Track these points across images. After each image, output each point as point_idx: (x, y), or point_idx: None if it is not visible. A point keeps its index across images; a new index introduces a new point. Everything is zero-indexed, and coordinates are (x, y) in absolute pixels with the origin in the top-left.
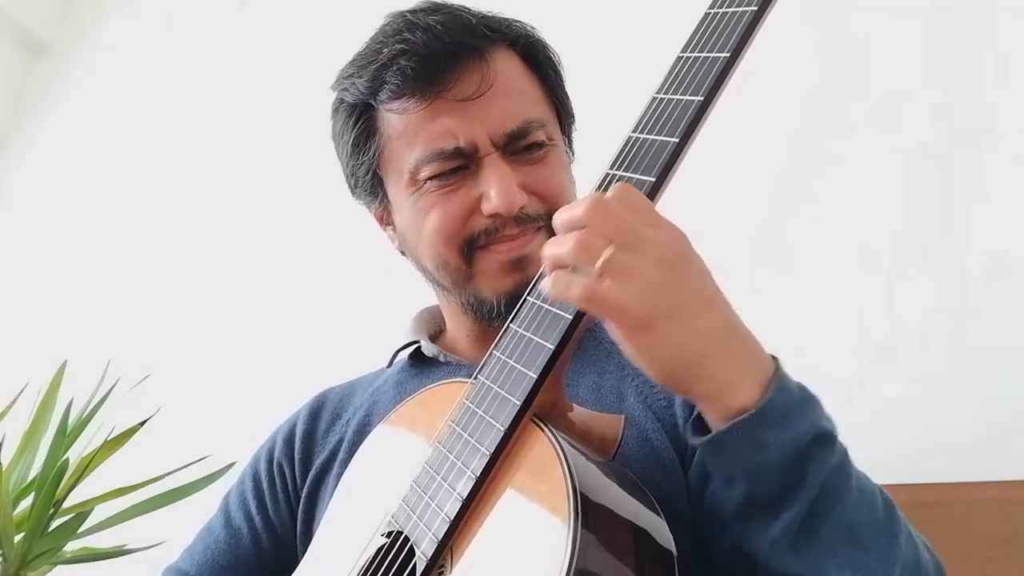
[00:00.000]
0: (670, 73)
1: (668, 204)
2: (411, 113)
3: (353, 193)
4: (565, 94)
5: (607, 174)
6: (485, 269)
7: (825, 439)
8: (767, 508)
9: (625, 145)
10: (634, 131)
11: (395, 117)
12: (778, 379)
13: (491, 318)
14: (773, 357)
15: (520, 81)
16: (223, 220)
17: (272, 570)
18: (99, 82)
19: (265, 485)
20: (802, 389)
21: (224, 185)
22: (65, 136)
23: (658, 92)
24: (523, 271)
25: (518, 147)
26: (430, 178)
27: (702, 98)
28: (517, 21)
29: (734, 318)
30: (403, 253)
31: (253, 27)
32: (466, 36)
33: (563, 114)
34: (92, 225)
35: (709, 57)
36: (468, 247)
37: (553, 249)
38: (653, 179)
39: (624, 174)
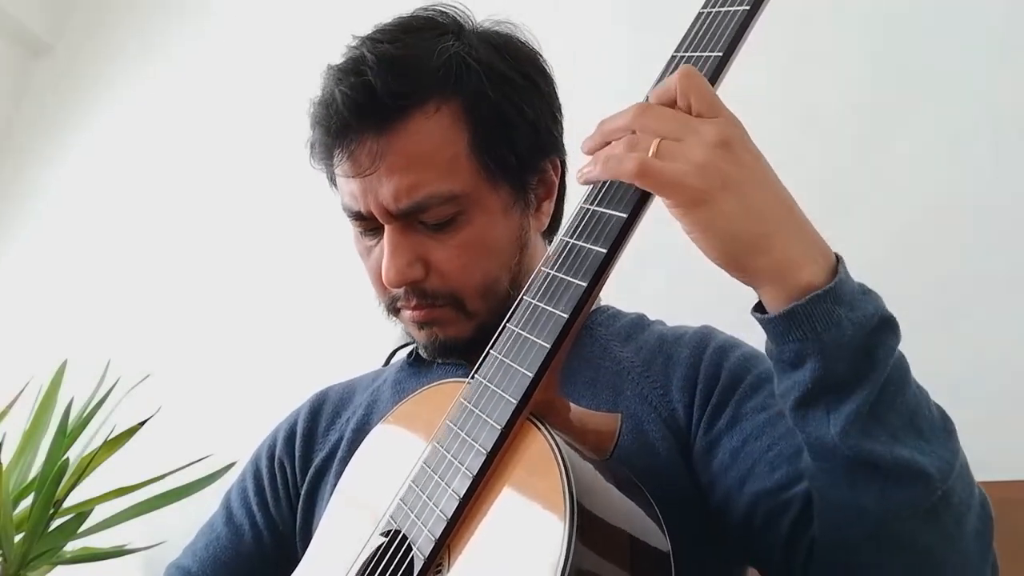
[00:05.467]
0: (664, 73)
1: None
2: (335, 167)
3: None
4: (525, 144)
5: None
6: (404, 321)
7: (891, 325)
8: (835, 391)
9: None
10: None
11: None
12: (843, 266)
13: (427, 355)
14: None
15: (433, 148)
16: (224, 220)
17: (274, 566)
18: (100, 82)
19: (267, 482)
20: (862, 284)
21: (225, 185)
22: (66, 136)
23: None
24: (431, 329)
25: (416, 220)
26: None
27: None
28: (472, 60)
29: (795, 205)
30: None
31: (254, 28)
32: (365, 112)
33: (512, 169)
34: (92, 225)
35: (702, 56)
36: (392, 303)
37: (605, 152)
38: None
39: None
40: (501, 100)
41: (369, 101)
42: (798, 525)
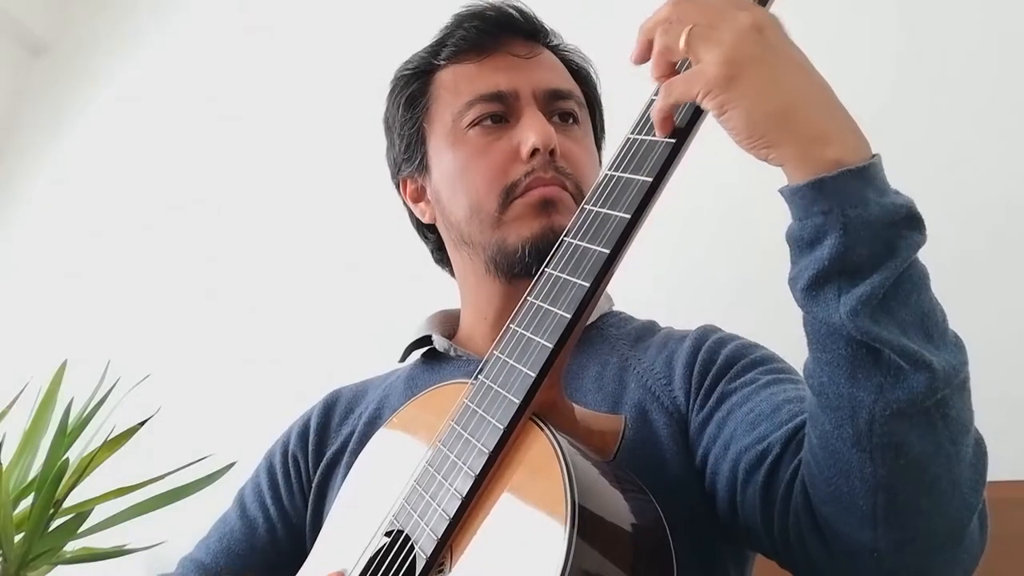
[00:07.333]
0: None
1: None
2: (465, 65)
3: (397, 170)
4: (598, 101)
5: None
6: (516, 215)
7: (917, 223)
8: (851, 272)
9: (624, 145)
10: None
11: (448, 72)
12: (879, 160)
13: (513, 272)
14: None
15: (561, 66)
16: (223, 220)
17: (287, 559)
18: (99, 81)
19: (280, 477)
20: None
21: (225, 183)
22: (65, 136)
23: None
24: (549, 216)
25: (555, 108)
26: (472, 125)
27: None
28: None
29: (830, 90)
30: (425, 235)
31: (253, 28)
32: (521, 19)
33: (594, 114)
34: (92, 224)
35: None
36: (507, 194)
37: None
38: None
39: (623, 175)
40: (581, 67)
41: (525, 12)
42: (777, 465)
